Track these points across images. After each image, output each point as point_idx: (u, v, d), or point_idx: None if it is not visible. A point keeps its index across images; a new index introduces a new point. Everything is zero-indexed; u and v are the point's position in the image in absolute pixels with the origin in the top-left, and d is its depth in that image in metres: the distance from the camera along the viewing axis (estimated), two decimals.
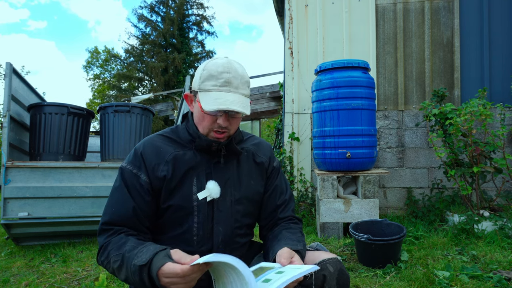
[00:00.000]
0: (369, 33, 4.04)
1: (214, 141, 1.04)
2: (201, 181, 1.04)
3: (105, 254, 0.95)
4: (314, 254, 1.02)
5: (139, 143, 1.09)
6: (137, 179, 1.02)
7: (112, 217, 1.00)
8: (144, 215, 1.02)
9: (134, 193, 1.01)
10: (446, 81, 3.94)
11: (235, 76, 1.00)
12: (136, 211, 1.00)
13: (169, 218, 1.04)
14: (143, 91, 20.38)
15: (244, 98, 1.01)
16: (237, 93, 1.00)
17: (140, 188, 1.01)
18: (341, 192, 3.12)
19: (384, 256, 2.25)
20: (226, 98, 0.97)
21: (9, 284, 2.25)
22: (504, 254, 2.35)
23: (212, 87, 0.99)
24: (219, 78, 0.99)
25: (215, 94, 0.98)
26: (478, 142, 2.99)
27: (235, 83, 1.00)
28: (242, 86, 1.02)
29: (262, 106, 8.10)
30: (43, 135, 3.14)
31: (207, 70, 1.00)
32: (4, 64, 10.29)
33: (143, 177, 1.02)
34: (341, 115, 3.01)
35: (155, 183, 1.02)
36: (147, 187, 1.02)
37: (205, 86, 1.00)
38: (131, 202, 1.00)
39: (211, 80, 0.99)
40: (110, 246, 0.95)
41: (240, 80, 1.01)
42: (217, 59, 1.03)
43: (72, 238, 3.22)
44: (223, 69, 0.99)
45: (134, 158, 1.05)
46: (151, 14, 19.52)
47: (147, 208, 1.02)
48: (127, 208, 1.00)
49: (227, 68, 1.00)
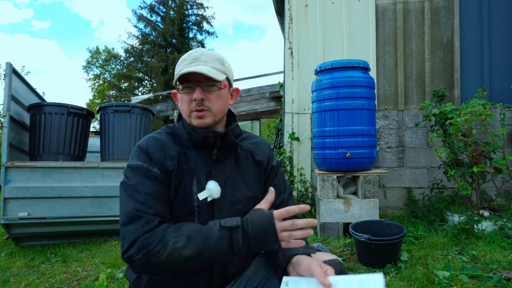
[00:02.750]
0: (369, 33, 4.04)
1: (210, 131, 1.03)
2: (201, 181, 1.03)
3: (154, 241, 0.87)
4: (315, 255, 1.02)
5: (141, 140, 1.07)
6: (150, 172, 0.98)
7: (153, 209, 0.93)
8: (168, 205, 0.99)
9: (155, 184, 0.97)
10: (446, 81, 3.94)
11: (203, 53, 1.04)
12: (164, 201, 0.97)
13: (171, 218, 1.04)
14: (143, 91, 20.38)
15: (214, 70, 1.02)
16: (206, 65, 1.01)
17: (156, 180, 0.98)
18: (341, 192, 3.12)
19: (384, 256, 2.25)
20: (191, 67, 0.99)
21: (9, 284, 2.25)
22: (504, 254, 2.35)
23: (182, 67, 1.02)
24: (187, 59, 1.03)
25: (183, 70, 1.00)
26: (478, 142, 2.98)
27: (203, 59, 1.02)
28: (212, 61, 1.03)
29: (262, 106, 8.09)
30: (43, 135, 3.13)
31: (180, 58, 1.07)
32: (4, 64, 10.28)
33: (155, 170, 0.99)
34: (341, 115, 3.01)
35: (165, 176, 1.00)
36: (161, 178, 0.99)
37: (177, 70, 1.03)
38: (158, 192, 0.96)
39: (182, 62, 1.04)
40: (159, 233, 0.89)
41: (210, 56, 1.03)
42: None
43: (72, 238, 3.22)
44: (192, 51, 1.05)
45: (140, 154, 1.02)
46: (151, 14, 19.53)
47: (167, 199, 0.99)
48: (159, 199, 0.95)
49: (196, 49, 1.05)
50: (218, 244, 0.87)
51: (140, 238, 0.88)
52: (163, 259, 0.86)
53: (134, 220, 0.91)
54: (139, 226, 0.89)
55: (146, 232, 0.89)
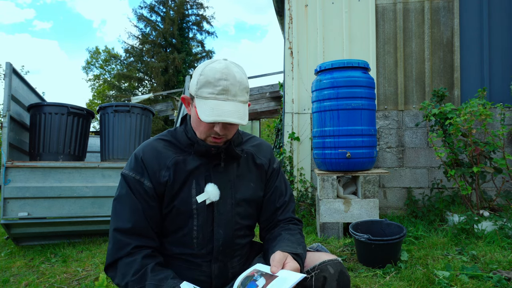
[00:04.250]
0: (369, 33, 4.04)
1: (213, 146, 1.03)
2: (200, 185, 1.04)
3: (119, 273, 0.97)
4: (315, 255, 1.02)
5: (138, 148, 1.07)
6: (141, 185, 1.01)
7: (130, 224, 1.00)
8: (152, 221, 1.02)
9: (141, 199, 1.01)
10: (446, 81, 3.94)
11: (233, 83, 0.96)
12: (146, 217, 1.01)
13: (170, 222, 1.05)
14: (143, 91, 20.39)
15: (242, 106, 0.98)
16: (235, 101, 0.96)
17: (145, 194, 1.01)
18: (341, 192, 3.12)
19: (384, 256, 2.25)
20: (223, 108, 0.94)
21: (9, 284, 2.25)
22: (504, 254, 2.35)
23: (209, 95, 0.95)
24: (216, 86, 0.95)
25: (212, 103, 0.94)
26: (478, 142, 2.98)
27: (233, 91, 0.96)
28: (240, 93, 0.98)
29: (262, 106, 8.10)
30: (43, 135, 3.13)
31: (204, 76, 0.96)
32: (4, 64, 10.27)
33: (146, 183, 1.01)
34: (341, 115, 3.01)
35: (158, 188, 1.02)
36: (152, 192, 1.01)
37: (202, 93, 0.96)
38: (141, 208, 1.00)
39: (208, 87, 0.95)
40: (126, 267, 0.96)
41: (239, 87, 0.97)
42: (215, 62, 0.99)
43: (72, 238, 3.22)
44: (220, 76, 0.95)
45: (135, 164, 1.03)
46: (150, 14, 19.53)
47: (153, 213, 1.02)
48: (140, 215, 1.00)
49: (225, 74, 0.95)
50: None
51: (114, 263, 0.98)
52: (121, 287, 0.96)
53: (113, 243, 0.99)
54: (115, 250, 0.98)
55: (119, 258, 0.98)
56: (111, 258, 0.98)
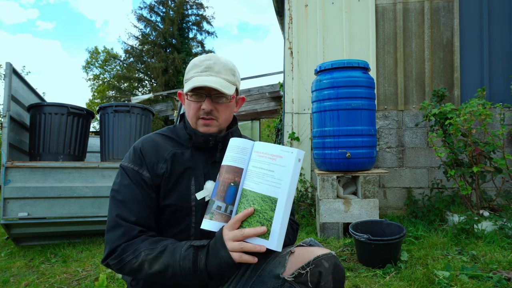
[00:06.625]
0: (369, 33, 4.04)
1: (211, 135, 1.04)
2: (200, 181, 1.04)
3: (128, 251, 0.92)
4: (308, 250, 1.01)
5: (137, 141, 1.09)
6: (140, 176, 1.01)
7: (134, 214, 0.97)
8: (153, 212, 1.02)
9: (142, 190, 1.00)
10: (446, 81, 3.94)
11: (216, 62, 1.03)
12: (149, 207, 1.00)
13: (167, 218, 1.04)
14: (143, 91, 20.40)
15: (225, 82, 1.02)
16: (218, 77, 1.02)
17: (144, 185, 1.01)
18: (341, 192, 3.12)
19: (384, 256, 2.25)
20: (204, 78, 1.00)
21: (9, 284, 2.25)
22: (504, 254, 2.35)
23: (194, 74, 1.02)
24: (200, 66, 1.02)
25: (195, 78, 1.01)
26: (478, 142, 2.99)
27: (216, 68, 1.02)
28: (224, 71, 1.03)
29: (262, 106, 8.10)
30: (43, 135, 3.13)
31: (191, 62, 1.06)
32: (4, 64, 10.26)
33: (145, 174, 1.01)
34: (341, 115, 3.01)
35: (155, 180, 1.02)
36: (150, 183, 1.01)
37: (188, 75, 1.04)
38: (142, 199, 0.99)
39: (194, 68, 1.03)
40: (135, 244, 0.93)
41: (223, 66, 1.03)
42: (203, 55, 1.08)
43: (72, 238, 3.22)
44: (205, 58, 1.03)
45: (134, 156, 1.04)
46: (150, 14, 19.54)
47: (153, 204, 1.02)
48: (142, 205, 0.99)
49: (209, 56, 1.04)
50: (182, 262, 0.88)
51: (119, 247, 0.93)
52: (135, 268, 0.91)
53: (116, 228, 0.95)
54: (120, 235, 0.94)
55: (125, 242, 0.93)
56: (115, 243, 0.93)
